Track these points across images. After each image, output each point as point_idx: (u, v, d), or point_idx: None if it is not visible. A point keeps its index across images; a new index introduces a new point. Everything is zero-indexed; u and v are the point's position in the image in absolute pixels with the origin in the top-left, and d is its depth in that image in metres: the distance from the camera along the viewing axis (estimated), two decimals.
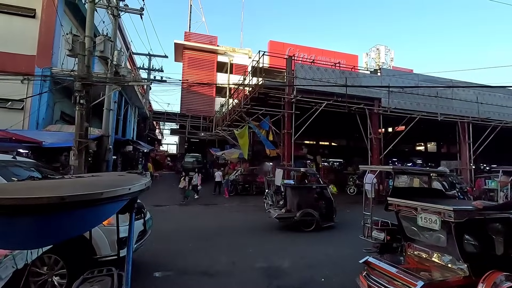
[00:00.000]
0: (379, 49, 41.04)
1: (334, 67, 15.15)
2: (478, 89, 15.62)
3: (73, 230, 1.34)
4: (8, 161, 4.23)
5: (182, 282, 4.33)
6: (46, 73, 10.79)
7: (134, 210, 1.69)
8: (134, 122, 20.82)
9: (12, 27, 11.20)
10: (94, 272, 2.37)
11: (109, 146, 10.79)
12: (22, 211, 1.17)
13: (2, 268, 1.76)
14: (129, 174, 2.14)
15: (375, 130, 14.24)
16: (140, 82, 16.34)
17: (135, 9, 11.85)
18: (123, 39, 20.69)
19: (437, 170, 6.65)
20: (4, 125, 9.01)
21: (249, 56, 26.70)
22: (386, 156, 14.72)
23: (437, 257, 3.35)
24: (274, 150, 14.10)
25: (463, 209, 3.05)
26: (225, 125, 18.96)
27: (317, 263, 5.22)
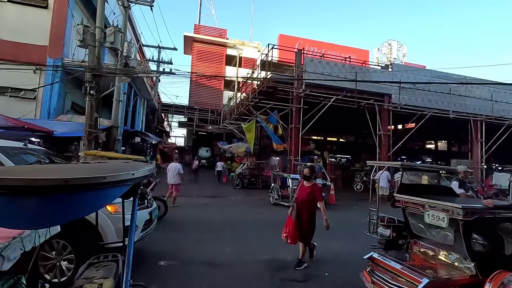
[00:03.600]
0: (391, 44, 40.20)
1: (344, 62, 14.92)
2: (493, 86, 15.18)
3: (77, 212, 1.36)
4: (19, 148, 4.34)
5: (186, 271, 4.38)
6: (58, 64, 10.94)
7: (137, 195, 1.70)
8: (143, 113, 21.03)
9: (25, 18, 11.37)
10: (100, 257, 2.42)
11: (118, 137, 10.93)
12: (28, 192, 1.19)
13: (10, 250, 1.80)
14: (134, 161, 2.16)
15: (385, 126, 14.02)
16: (150, 74, 16.43)
17: (145, 1, 11.85)
18: (133, 31, 20.78)
19: (449, 167, 6.53)
20: (16, 114, 9.21)
21: (258, 49, 26.53)
22: (395, 153, 14.52)
23: (443, 255, 3.30)
24: (281, 144, 14.06)
25: (472, 207, 2.98)
26: (232, 119, 18.97)
27: (321, 258, 5.21)
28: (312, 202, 4.67)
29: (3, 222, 1.27)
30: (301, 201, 4.73)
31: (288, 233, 4.64)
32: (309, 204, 4.68)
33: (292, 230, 4.62)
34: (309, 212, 4.66)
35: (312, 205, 4.68)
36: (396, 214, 4.22)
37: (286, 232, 4.68)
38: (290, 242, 4.65)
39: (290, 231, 4.63)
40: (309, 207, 4.68)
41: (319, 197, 4.65)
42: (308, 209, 4.67)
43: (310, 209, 4.68)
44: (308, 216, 4.65)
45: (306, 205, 4.67)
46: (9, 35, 10.99)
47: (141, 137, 16.38)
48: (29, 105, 10.83)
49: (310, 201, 4.67)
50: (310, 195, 4.66)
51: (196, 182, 16.08)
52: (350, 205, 11.50)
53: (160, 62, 22.90)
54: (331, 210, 10.26)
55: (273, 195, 11.13)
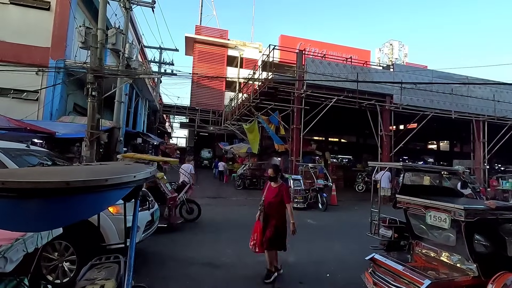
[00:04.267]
0: (393, 44, 40.11)
1: (346, 62, 14.90)
2: (495, 86, 15.11)
3: (79, 214, 1.37)
4: (22, 149, 4.37)
5: (187, 272, 4.39)
6: (60, 65, 10.99)
7: (138, 197, 1.71)
8: (144, 114, 21.08)
9: (28, 20, 11.43)
10: (102, 258, 2.43)
11: (120, 138, 10.96)
12: (31, 194, 1.20)
13: (13, 251, 1.81)
14: (135, 163, 2.17)
15: (386, 127, 13.99)
16: (151, 75, 16.47)
17: (146, 2, 11.88)
18: (135, 32, 20.85)
19: (450, 168, 6.50)
20: (19, 115, 9.25)
21: (259, 50, 26.55)
22: (397, 153, 14.48)
23: (445, 256, 3.29)
24: (283, 145, 14.05)
25: (474, 208, 2.97)
26: (234, 120, 18.99)
27: (322, 259, 5.21)
28: (280, 205, 4.26)
29: (6, 225, 1.28)
30: (268, 204, 4.32)
31: (256, 241, 4.25)
32: (277, 206, 4.26)
33: (259, 237, 4.22)
34: (277, 215, 4.23)
35: (280, 208, 4.26)
36: (398, 215, 4.22)
37: (254, 239, 4.29)
38: (258, 251, 4.26)
39: (258, 238, 4.23)
40: (277, 210, 4.25)
41: (287, 198, 4.26)
42: (276, 212, 4.25)
43: (278, 212, 4.25)
44: (276, 220, 4.21)
45: (274, 208, 4.26)
46: (12, 37, 11.05)
47: (143, 138, 16.42)
48: (32, 107, 10.88)
49: (278, 204, 4.25)
50: (278, 197, 4.26)
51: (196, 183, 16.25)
52: (352, 206, 11.48)
53: (162, 63, 22.93)
54: (333, 211, 10.30)
55: None
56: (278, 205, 4.25)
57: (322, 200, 10.30)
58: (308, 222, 8.38)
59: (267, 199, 4.35)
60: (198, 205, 7.69)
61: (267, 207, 4.31)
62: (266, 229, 4.21)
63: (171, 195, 6.74)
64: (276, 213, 4.24)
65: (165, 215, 6.51)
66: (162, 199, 6.71)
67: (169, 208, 6.61)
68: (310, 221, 8.44)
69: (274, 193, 4.30)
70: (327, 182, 11.28)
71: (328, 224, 8.25)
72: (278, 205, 4.25)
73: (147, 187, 7.09)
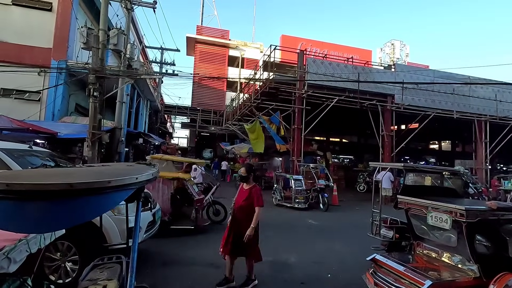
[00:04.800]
0: (394, 44, 39.90)
1: (347, 62, 14.89)
2: (497, 86, 15.06)
3: (82, 216, 1.38)
4: (24, 150, 4.39)
5: (189, 272, 4.41)
6: (62, 66, 11.03)
7: (141, 199, 1.73)
8: (146, 115, 21.13)
9: (30, 20, 11.48)
10: (104, 259, 2.44)
11: (121, 138, 10.99)
12: (34, 196, 1.22)
13: (16, 252, 1.83)
14: (137, 164, 2.19)
15: (388, 127, 13.97)
16: (152, 76, 16.52)
17: (148, 3, 11.90)
18: (136, 33, 20.89)
19: (451, 168, 6.50)
20: (21, 116, 9.29)
21: (260, 50, 26.54)
22: (398, 154, 14.46)
23: (447, 257, 3.29)
24: (284, 145, 14.06)
25: (475, 209, 2.97)
26: (235, 120, 19.01)
27: (323, 259, 5.21)
28: (251, 209, 3.86)
29: (10, 226, 1.30)
30: (238, 207, 3.95)
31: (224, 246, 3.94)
32: (248, 210, 3.86)
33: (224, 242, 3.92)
34: (247, 220, 3.81)
35: (251, 212, 3.85)
36: (399, 216, 4.22)
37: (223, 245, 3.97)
38: (226, 258, 3.95)
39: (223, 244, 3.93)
40: (248, 214, 3.84)
41: (257, 201, 3.85)
42: (246, 217, 3.84)
43: (248, 217, 3.82)
44: (246, 226, 3.79)
45: (244, 211, 3.87)
46: (14, 38, 11.10)
47: (144, 138, 16.46)
48: (34, 107, 10.93)
49: (249, 207, 3.86)
50: (248, 200, 3.89)
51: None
52: (353, 206, 11.48)
53: (163, 64, 22.99)
54: (334, 211, 10.29)
55: (276, 196, 11.13)
56: (249, 209, 3.86)
57: (323, 200, 10.30)
58: (309, 222, 8.39)
59: (238, 202, 4.02)
60: (224, 206, 7.56)
61: (237, 211, 3.97)
62: (234, 234, 3.87)
63: (198, 196, 6.67)
64: (246, 217, 3.84)
65: (192, 217, 6.48)
66: (189, 201, 6.77)
67: (196, 210, 6.49)
68: (311, 221, 8.45)
69: (245, 196, 3.95)
70: (328, 182, 11.28)
71: (329, 225, 8.25)
72: (248, 209, 3.86)
73: (176, 188, 7.18)
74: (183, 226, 6.32)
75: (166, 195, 6.32)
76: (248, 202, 3.89)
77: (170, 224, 6.19)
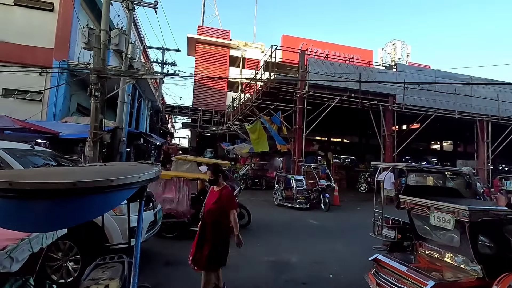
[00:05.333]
0: (395, 44, 39.87)
1: (348, 62, 14.87)
2: (499, 86, 15.01)
3: (84, 215, 1.38)
4: (27, 150, 4.40)
5: (191, 272, 4.38)
6: (63, 66, 11.07)
7: (143, 198, 1.72)
8: (147, 115, 21.16)
9: (32, 21, 11.52)
10: (106, 258, 2.44)
11: (122, 138, 11.02)
12: (37, 195, 1.22)
13: (19, 251, 1.83)
14: (140, 164, 2.19)
15: (389, 127, 13.94)
16: (154, 76, 16.55)
17: (149, 3, 11.93)
18: (138, 33, 20.93)
19: (454, 168, 6.49)
20: (23, 116, 9.33)
21: (261, 50, 26.53)
22: (400, 154, 14.42)
23: (449, 257, 3.28)
24: (285, 145, 14.04)
25: (478, 209, 2.95)
26: (236, 120, 19.00)
27: (325, 259, 5.20)
28: (222, 213, 3.43)
29: (13, 225, 1.29)
30: (207, 211, 3.52)
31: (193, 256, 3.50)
32: (217, 215, 3.43)
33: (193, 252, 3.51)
34: (215, 226, 3.42)
35: (221, 217, 3.43)
36: (401, 216, 4.20)
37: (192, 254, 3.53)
38: (196, 269, 3.49)
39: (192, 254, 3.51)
40: (218, 219, 3.43)
41: (229, 204, 3.43)
42: (216, 222, 3.43)
43: (217, 222, 3.42)
44: (214, 232, 3.40)
45: (214, 216, 3.44)
46: (16, 38, 11.14)
47: (145, 138, 16.48)
48: (36, 107, 10.96)
49: (218, 211, 3.43)
50: (218, 203, 3.44)
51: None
52: (355, 206, 11.46)
53: (164, 64, 23.04)
54: (335, 211, 10.27)
55: (277, 196, 11.12)
56: (219, 213, 3.45)
57: (325, 200, 10.28)
58: (310, 222, 8.38)
59: (207, 206, 3.61)
60: (247, 210, 7.20)
61: (206, 215, 3.53)
62: (203, 242, 3.47)
63: None
64: (216, 223, 3.45)
65: None
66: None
67: None
68: (313, 222, 8.44)
69: (215, 198, 3.53)
70: (329, 182, 11.26)
71: (330, 225, 8.23)
72: (218, 213, 3.45)
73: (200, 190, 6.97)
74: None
75: (186, 195, 6.18)
76: (218, 205, 3.47)
77: (189, 225, 6.01)
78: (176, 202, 6.10)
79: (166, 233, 5.90)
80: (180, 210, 6.02)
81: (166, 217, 5.72)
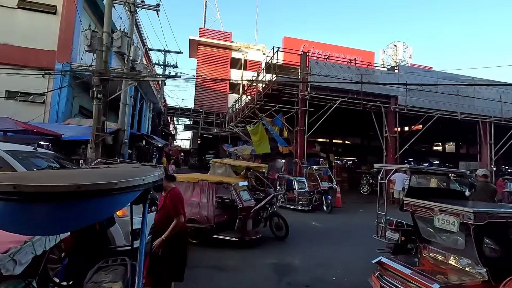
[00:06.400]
0: (397, 45, 39.86)
1: (350, 64, 14.86)
2: (502, 87, 14.93)
3: (89, 218, 1.37)
4: (29, 152, 4.41)
5: (194, 275, 4.38)
6: (66, 68, 11.12)
7: (147, 201, 1.72)
8: (149, 117, 21.19)
9: (35, 24, 11.59)
10: (108, 261, 2.43)
11: (124, 140, 11.03)
12: (41, 198, 1.21)
13: (22, 254, 1.82)
14: (143, 166, 2.18)
15: (391, 128, 13.90)
16: (156, 78, 16.58)
17: (151, 6, 11.99)
18: (140, 35, 21.02)
19: (458, 170, 6.44)
20: (26, 118, 9.36)
21: (263, 52, 26.59)
22: (402, 155, 14.36)
23: (454, 260, 3.24)
24: (287, 147, 14.03)
25: (483, 211, 2.92)
26: (238, 121, 19.01)
27: (328, 262, 5.17)
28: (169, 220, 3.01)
29: (17, 228, 1.29)
30: (157, 221, 3.16)
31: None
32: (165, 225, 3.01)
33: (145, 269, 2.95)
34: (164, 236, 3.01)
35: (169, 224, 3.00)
36: (405, 218, 4.18)
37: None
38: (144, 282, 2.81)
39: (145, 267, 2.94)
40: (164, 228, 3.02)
41: (175, 210, 3.01)
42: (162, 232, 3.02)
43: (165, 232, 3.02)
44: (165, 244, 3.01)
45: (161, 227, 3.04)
46: (19, 41, 11.21)
47: (147, 140, 16.50)
48: (38, 109, 11.01)
49: (166, 221, 3.02)
50: (164, 210, 3.08)
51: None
52: (357, 208, 11.41)
53: (166, 66, 23.11)
54: (337, 213, 10.23)
55: (279, 198, 11.08)
56: (167, 223, 3.03)
57: (327, 202, 10.24)
58: (313, 224, 8.34)
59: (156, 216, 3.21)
60: (284, 219, 6.57)
61: (156, 225, 3.18)
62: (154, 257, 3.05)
63: (242, 205, 5.79)
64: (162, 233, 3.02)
65: (236, 228, 5.78)
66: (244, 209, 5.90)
67: (240, 220, 5.74)
68: (315, 224, 8.40)
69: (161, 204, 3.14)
70: (331, 184, 11.23)
71: (333, 227, 8.19)
72: (166, 223, 3.03)
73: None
74: (225, 236, 5.72)
75: (211, 200, 5.82)
76: (164, 213, 3.05)
77: (212, 232, 5.68)
78: (200, 207, 5.86)
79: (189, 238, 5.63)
80: (203, 215, 5.75)
81: (189, 221, 5.45)
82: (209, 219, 5.71)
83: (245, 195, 6.11)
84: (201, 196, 5.89)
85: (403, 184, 11.22)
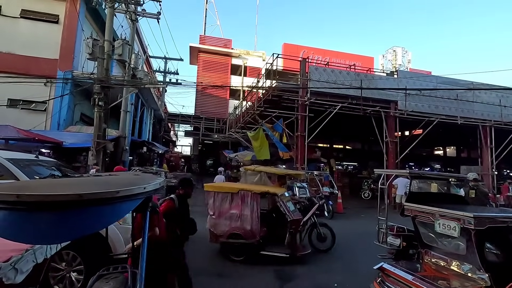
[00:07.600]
0: (396, 50, 40.12)
1: (349, 69, 14.96)
2: (501, 91, 14.99)
3: (91, 226, 1.38)
4: (31, 160, 4.44)
5: (196, 282, 4.33)
6: (68, 76, 11.22)
7: (148, 209, 1.73)
8: (149, 123, 21.28)
9: (37, 32, 11.75)
10: (109, 269, 2.43)
11: (125, 147, 11.07)
12: (43, 207, 1.22)
13: (23, 262, 1.83)
14: (144, 173, 2.20)
15: (391, 133, 13.91)
16: (156, 85, 16.69)
17: (152, 14, 12.15)
18: (140, 43, 21.25)
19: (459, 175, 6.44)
20: (28, 126, 9.43)
21: (263, 58, 26.79)
22: (403, 160, 14.34)
23: (456, 265, 3.22)
24: (287, 152, 14.03)
25: (484, 216, 2.92)
26: (238, 127, 19.05)
27: (329, 268, 5.13)
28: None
29: (20, 237, 1.30)
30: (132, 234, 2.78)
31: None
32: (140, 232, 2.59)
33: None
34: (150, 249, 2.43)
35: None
36: (406, 223, 4.16)
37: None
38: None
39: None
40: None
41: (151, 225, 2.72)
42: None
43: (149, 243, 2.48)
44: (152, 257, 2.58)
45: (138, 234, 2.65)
46: (22, 50, 11.35)
47: (148, 147, 16.55)
48: (40, 117, 11.08)
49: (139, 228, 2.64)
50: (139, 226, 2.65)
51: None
52: (358, 214, 11.35)
53: (167, 73, 23.29)
54: (339, 218, 10.17)
55: None
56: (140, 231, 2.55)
57: (328, 208, 10.19)
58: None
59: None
60: (331, 229, 6.09)
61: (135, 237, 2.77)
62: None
63: (292, 217, 5.34)
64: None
65: (286, 243, 5.31)
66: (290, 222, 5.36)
67: (291, 233, 5.27)
68: None
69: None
70: (332, 189, 11.19)
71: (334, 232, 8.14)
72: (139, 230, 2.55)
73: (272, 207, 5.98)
74: (275, 253, 5.24)
75: (255, 212, 5.26)
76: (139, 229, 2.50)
77: (259, 248, 5.21)
78: (242, 220, 5.34)
79: (233, 255, 5.24)
80: (247, 229, 5.24)
81: (232, 236, 5.21)
82: (254, 233, 5.21)
83: (291, 206, 5.67)
84: (242, 208, 5.37)
85: (405, 189, 11.13)
